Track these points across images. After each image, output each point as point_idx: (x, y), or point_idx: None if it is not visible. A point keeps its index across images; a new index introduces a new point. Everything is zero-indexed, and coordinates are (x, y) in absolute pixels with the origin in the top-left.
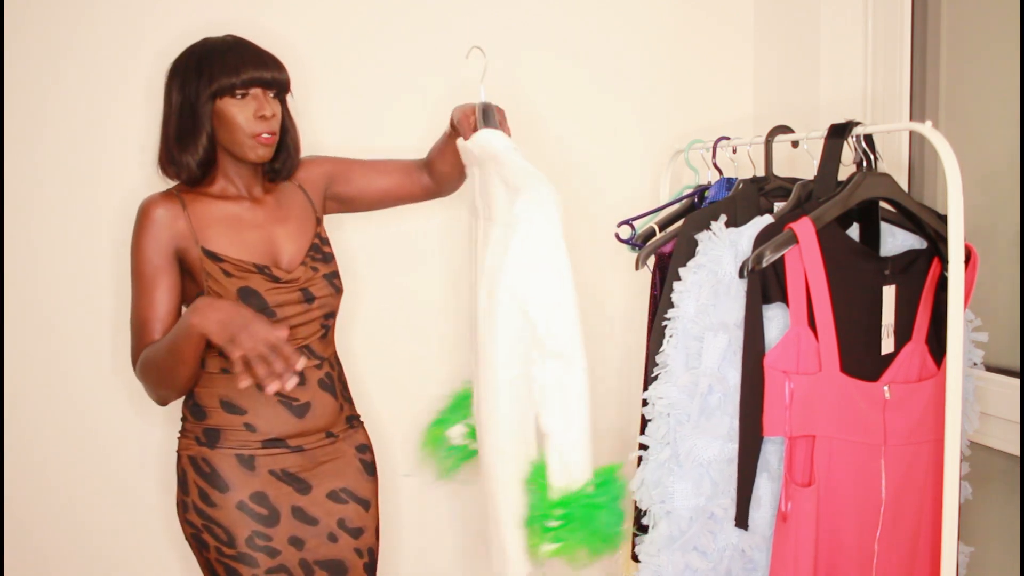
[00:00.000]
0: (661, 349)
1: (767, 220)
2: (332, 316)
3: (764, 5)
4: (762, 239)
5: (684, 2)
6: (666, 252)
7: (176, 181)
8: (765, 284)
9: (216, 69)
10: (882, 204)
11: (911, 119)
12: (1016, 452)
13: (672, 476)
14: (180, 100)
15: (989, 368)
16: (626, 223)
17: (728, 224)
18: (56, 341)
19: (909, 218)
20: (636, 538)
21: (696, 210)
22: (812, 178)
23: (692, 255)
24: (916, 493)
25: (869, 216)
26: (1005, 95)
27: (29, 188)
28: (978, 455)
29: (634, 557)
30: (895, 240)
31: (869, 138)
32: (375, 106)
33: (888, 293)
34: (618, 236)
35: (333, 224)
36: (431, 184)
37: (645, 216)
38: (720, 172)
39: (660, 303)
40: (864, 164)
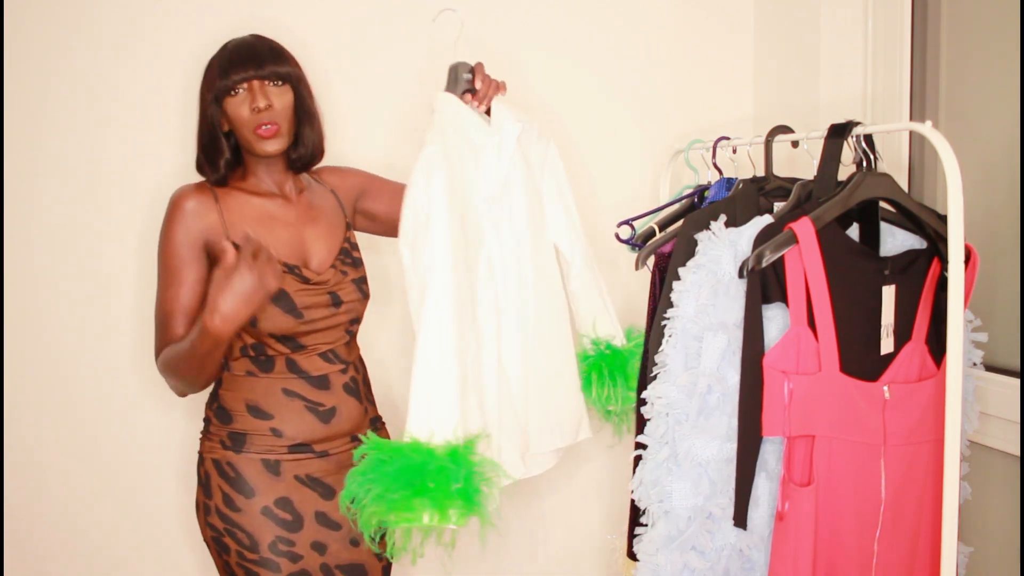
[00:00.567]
0: (660, 349)
1: (767, 220)
2: (357, 322)
3: (764, 5)
4: (762, 239)
5: (684, 2)
6: (666, 252)
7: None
8: (765, 284)
9: (215, 73)
10: (882, 204)
11: (911, 119)
12: (1016, 452)
13: (670, 475)
14: (200, 106)
15: (989, 368)
16: (626, 223)
17: (728, 224)
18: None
19: (909, 218)
20: (634, 537)
21: (696, 210)
22: (812, 178)
23: (692, 255)
24: (916, 493)
25: (869, 216)
26: (1005, 95)
27: (42, 185)
28: (978, 455)
29: (632, 555)
30: (895, 240)
31: (869, 138)
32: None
33: (888, 293)
34: (618, 236)
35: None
36: None
37: (645, 216)
38: (720, 172)
39: (659, 303)
40: (864, 164)
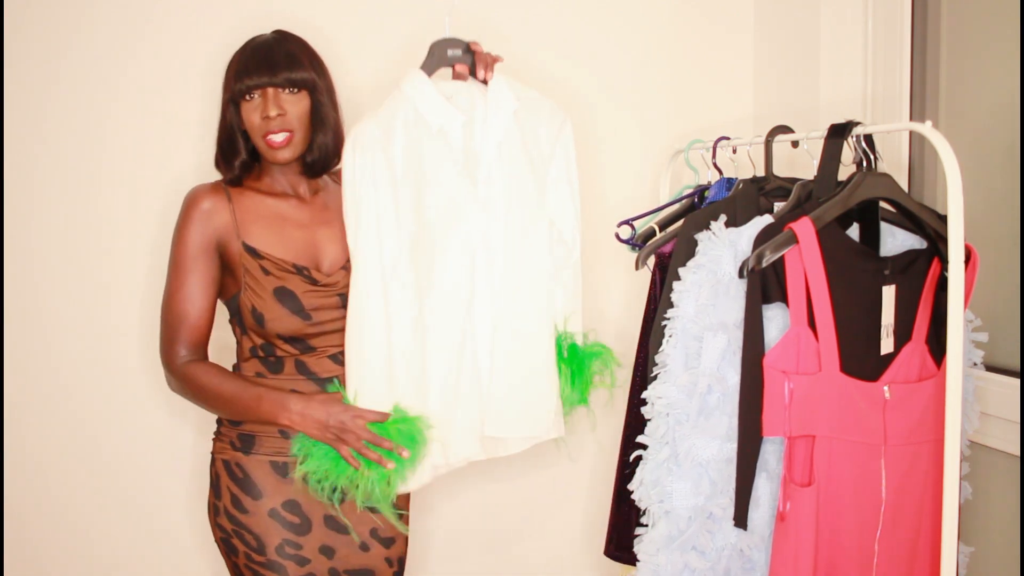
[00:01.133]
0: (661, 349)
1: (767, 220)
2: None
3: (764, 5)
4: (762, 239)
5: (684, 2)
6: (666, 252)
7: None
8: (765, 284)
9: (231, 76)
10: (882, 204)
11: (911, 119)
12: (1016, 452)
13: (671, 476)
14: (222, 104)
15: (989, 368)
16: (626, 223)
17: (728, 224)
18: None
19: (909, 218)
20: (635, 537)
21: (696, 210)
22: (812, 178)
23: (692, 255)
24: (916, 493)
25: (869, 216)
26: (1005, 95)
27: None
28: (978, 455)
29: (609, 554)
30: (895, 240)
31: (869, 138)
32: None
33: (888, 293)
34: (618, 236)
35: None
36: None
37: (645, 216)
38: (720, 172)
39: (660, 303)
40: (864, 164)
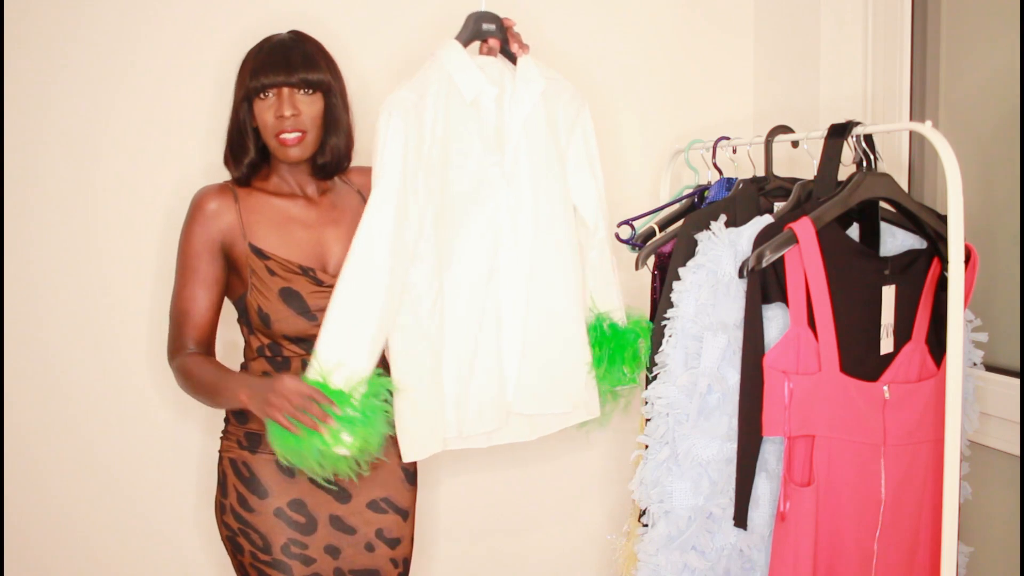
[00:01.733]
0: (660, 349)
1: (767, 220)
2: None
3: (764, 5)
4: (762, 239)
5: (684, 3)
6: (666, 252)
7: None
8: (765, 284)
9: (247, 72)
10: (882, 204)
11: (911, 119)
12: (1016, 452)
13: (671, 475)
14: (234, 102)
15: (989, 368)
16: (626, 223)
17: (728, 224)
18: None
19: (909, 218)
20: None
21: (696, 210)
22: (812, 178)
23: (692, 255)
24: (916, 493)
25: (869, 216)
26: (1005, 95)
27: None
28: (978, 455)
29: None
30: (895, 240)
31: (869, 138)
32: None
33: (888, 293)
34: (618, 236)
35: None
36: None
37: (645, 216)
38: (720, 172)
39: (660, 303)
40: (864, 164)
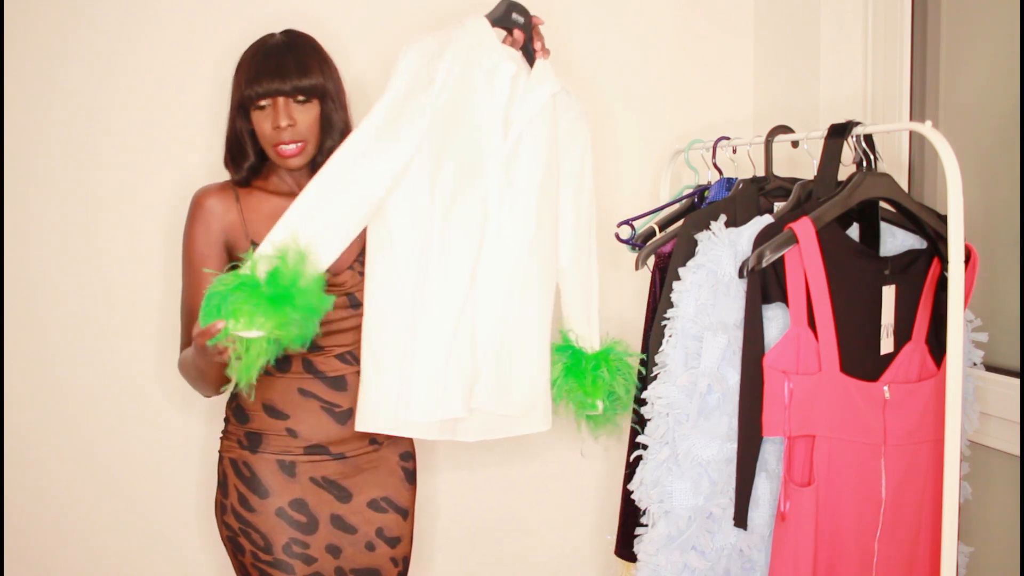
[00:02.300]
0: (660, 349)
1: (767, 220)
2: None
3: (764, 5)
4: (762, 239)
5: (684, 3)
6: (666, 252)
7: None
8: (765, 284)
9: (241, 80)
10: (882, 204)
11: (911, 119)
12: (1016, 452)
13: (671, 475)
14: (231, 106)
15: (989, 368)
16: (626, 223)
17: (728, 224)
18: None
19: (909, 218)
20: (631, 537)
21: (696, 210)
22: (812, 178)
23: (692, 255)
24: (916, 493)
25: (869, 216)
26: (1005, 95)
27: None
28: (978, 455)
29: (620, 554)
30: (895, 240)
31: (869, 138)
32: None
33: (888, 293)
34: (618, 236)
35: None
36: None
37: (645, 216)
38: (720, 172)
39: (660, 303)
40: (864, 164)
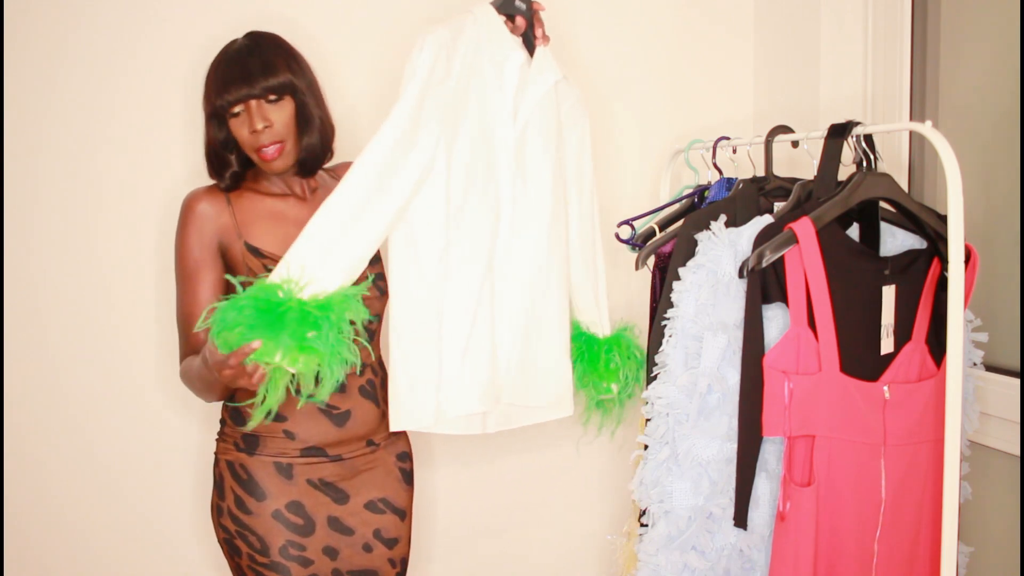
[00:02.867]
0: (660, 349)
1: (767, 220)
2: (375, 320)
3: (764, 5)
4: (762, 239)
5: (684, 3)
6: (666, 252)
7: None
8: (765, 284)
9: (211, 91)
10: (882, 204)
11: (911, 119)
12: (1016, 452)
13: (671, 475)
14: (204, 118)
15: (989, 368)
16: (626, 223)
17: (728, 224)
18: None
19: (909, 218)
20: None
21: (696, 210)
22: (812, 178)
23: (692, 255)
24: (916, 493)
25: (869, 216)
26: (1005, 95)
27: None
28: (978, 455)
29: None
30: (895, 240)
31: (869, 138)
32: None
33: (888, 293)
34: (618, 236)
35: None
36: None
37: (645, 216)
38: (720, 172)
39: (660, 303)
40: (864, 164)
